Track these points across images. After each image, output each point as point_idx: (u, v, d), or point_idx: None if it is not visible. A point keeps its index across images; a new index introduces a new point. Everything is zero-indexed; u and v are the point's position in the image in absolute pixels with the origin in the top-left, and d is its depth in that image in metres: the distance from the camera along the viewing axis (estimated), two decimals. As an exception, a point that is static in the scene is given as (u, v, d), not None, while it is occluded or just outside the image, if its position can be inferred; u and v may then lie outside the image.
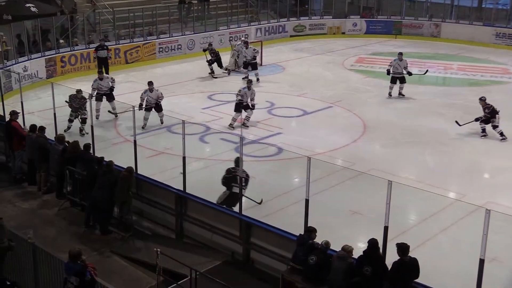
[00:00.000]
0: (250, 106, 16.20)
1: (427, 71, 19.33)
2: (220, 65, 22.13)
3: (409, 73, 19.00)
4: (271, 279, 9.76)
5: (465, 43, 28.38)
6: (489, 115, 15.63)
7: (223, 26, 27.09)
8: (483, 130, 15.69)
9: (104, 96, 16.70)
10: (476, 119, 15.76)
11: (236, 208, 10.56)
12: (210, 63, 21.86)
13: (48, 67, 20.72)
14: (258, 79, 20.99)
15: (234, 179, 10.89)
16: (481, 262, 7.80)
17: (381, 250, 8.66)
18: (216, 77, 21.79)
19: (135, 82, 20.74)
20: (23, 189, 13.10)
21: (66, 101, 15.16)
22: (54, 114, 13.87)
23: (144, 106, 15.87)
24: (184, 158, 11.22)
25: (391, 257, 8.49)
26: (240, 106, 16.10)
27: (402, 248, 8.28)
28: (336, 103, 18.58)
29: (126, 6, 25.32)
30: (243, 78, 20.84)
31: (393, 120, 16.90)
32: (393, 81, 19.09)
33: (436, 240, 10.12)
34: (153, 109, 15.95)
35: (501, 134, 15.54)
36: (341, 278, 8.53)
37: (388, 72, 19.16)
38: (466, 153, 14.62)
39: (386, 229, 8.67)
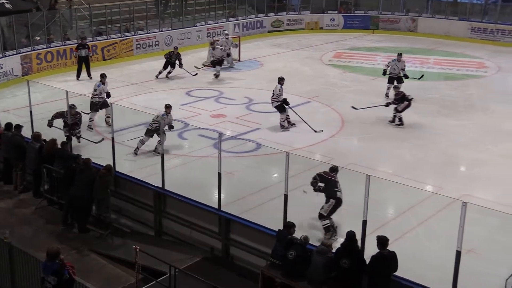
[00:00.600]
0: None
1: (422, 75, 19.16)
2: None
3: (406, 76, 18.56)
4: (251, 274, 9.78)
5: (441, 38, 28.64)
6: (397, 102, 16.12)
7: (201, 22, 27.00)
8: (394, 118, 16.20)
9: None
10: (386, 105, 16.33)
11: (215, 205, 10.56)
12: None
13: (24, 64, 20.45)
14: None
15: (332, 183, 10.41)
16: (458, 254, 7.91)
17: (360, 244, 8.73)
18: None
19: (112, 79, 20.55)
20: (-1, 188, 12.97)
21: (49, 123, 13.80)
22: (30, 112, 13.71)
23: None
24: (162, 155, 11.19)
25: (370, 250, 8.56)
26: None
27: (382, 241, 8.35)
28: (314, 98, 18.63)
29: (102, 2, 25.05)
30: (214, 74, 20.89)
31: (370, 114, 16.99)
32: (391, 81, 18.62)
33: (414, 233, 10.21)
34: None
35: (400, 119, 16.10)
36: (321, 273, 8.59)
37: (385, 72, 18.78)
38: (442, 146, 14.76)
39: (364, 223, 8.74)
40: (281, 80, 15.97)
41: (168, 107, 13.85)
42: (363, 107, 16.79)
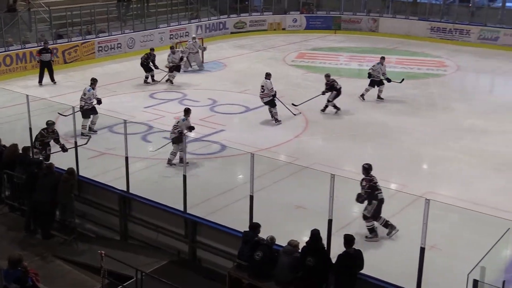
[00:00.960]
0: None
1: (403, 79, 19.17)
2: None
3: (388, 80, 18.50)
4: (218, 276, 9.78)
5: (402, 37, 29.07)
6: (327, 90, 17.09)
7: (163, 24, 26.84)
8: (325, 107, 17.21)
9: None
10: (323, 93, 17.19)
11: (181, 207, 10.51)
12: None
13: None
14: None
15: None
16: (422, 250, 8.04)
17: (325, 243, 8.80)
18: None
19: (74, 82, 20.33)
20: (-41, 196, 12.65)
21: (35, 146, 12.73)
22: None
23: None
24: (126, 158, 11.09)
25: (336, 249, 8.63)
26: None
27: (348, 240, 8.44)
28: (278, 98, 18.65)
29: (62, 5, 24.71)
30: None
31: (334, 114, 17.14)
32: (371, 84, 18.57)
33: (379, 231, 10.32)
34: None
35: (334, 106, 17.16)
36: (287, 272, 8.63)
37: (370, 75, 18.58)
38: (405, 145, 14.97)
39: (330, 222, 8.82)
40: (269, 76, 16.55)
41: (187, 111, 13.85)
42: (302, 102, 17.36)
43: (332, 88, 17.01)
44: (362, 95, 18.72)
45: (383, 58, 18.87)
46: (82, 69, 22.26)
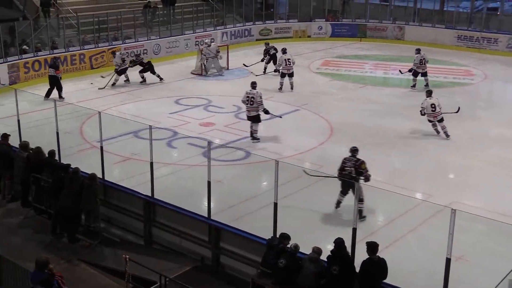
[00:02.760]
0: None
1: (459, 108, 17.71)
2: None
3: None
4: (241, 283, 9.77)
5: (428, 45, 28.75)
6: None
7: (189, 30, 27.01)
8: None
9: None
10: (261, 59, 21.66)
11: (205, 213, 10.53)
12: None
13: (11, 73, 20.31)
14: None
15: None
16: (448, 261, 7.94)
17: (349, 252, 8.75)
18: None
19: (101, 87, 20.56)
20: (-13, 198, 12.85)
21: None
22: (18, 121, 13.65)
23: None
24: (151, 163, 11.15)
25: (360, 258, 8.57)
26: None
27: (372, 247, 8.37)
28: (303, 106, 18.68)
29: (90, 11, 25.04)
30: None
31: (359, 122, 17.06)
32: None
33: (404, 240, 10.24)
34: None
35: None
36: (312, 280, 8.58)
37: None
38: (431, 153, 14.84)
39: (354, 230, 8.76)
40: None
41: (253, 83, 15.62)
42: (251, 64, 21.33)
43: (267, 53, 22.13)
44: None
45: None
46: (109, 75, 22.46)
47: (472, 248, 10.03)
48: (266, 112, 15.50)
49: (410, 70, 20.71)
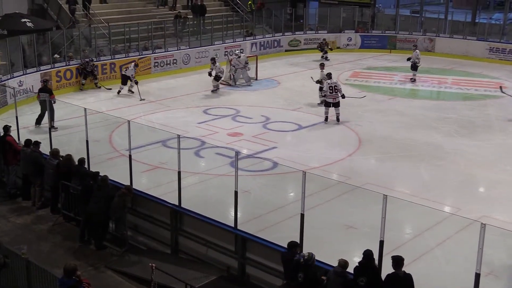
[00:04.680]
0: None
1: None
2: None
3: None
4: (267, 294, 9.74)
5: (459, 58, 28.55)
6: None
7: (218, 40, 27.20)
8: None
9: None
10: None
11: (231, 223, 10.54)
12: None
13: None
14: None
15: None
16: (477, 276, 7.80)
17: (377, 264, 8.66)
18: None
19: (131, 97, 20.80)
20: (18, 204, 13.05)
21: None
22: (49, 128, 13.86)
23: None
24: (179, 172, 11.21)
25: (387, 271, 8.47)
26: None
27: (397, 261, 8.25)
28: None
29: (121, 21, 25.39)
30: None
31: (387, 134, 16.94)
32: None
33: (431, 255, 10.11)
34: None
35: None
36: (338, 293, 8.50)
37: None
38: (460, 167, 14.65)
39: (381, 243, 8.67)
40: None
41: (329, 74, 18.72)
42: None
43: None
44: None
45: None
46: (138, 84, 22.70)
47: (502, 264, 9.86)
48: (343, 97, 18.38)
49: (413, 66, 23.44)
